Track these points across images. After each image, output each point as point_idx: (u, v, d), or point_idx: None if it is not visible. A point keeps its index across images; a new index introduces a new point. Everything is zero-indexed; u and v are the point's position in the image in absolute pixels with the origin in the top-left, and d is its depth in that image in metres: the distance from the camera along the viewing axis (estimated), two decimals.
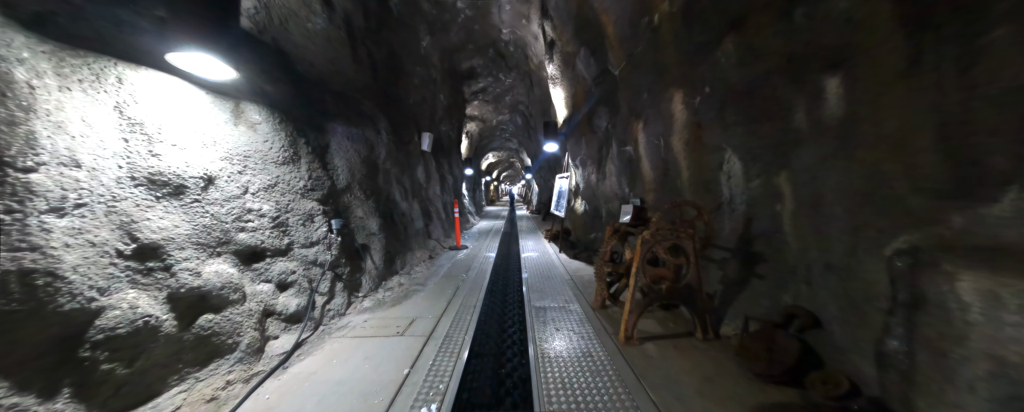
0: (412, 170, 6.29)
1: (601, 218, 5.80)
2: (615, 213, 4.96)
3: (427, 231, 6.69)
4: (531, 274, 4.78)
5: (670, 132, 3.46)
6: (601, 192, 5.32)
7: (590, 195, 5.98)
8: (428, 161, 7.23)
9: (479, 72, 11.18)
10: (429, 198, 7.22)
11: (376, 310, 3.50)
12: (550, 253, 6.33)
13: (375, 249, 4.31)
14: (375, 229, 4.36)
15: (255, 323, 2.53)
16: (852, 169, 2.03)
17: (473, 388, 2.17)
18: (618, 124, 4.46)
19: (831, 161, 2.15)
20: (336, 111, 3.96)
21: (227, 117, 2.67)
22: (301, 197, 3.21)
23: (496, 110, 13.29)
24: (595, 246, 5.85)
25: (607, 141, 4.93)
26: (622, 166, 4.52)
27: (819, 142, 2.23)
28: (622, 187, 4.62)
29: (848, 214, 2.06)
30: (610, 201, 5.02)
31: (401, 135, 5.87)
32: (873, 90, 1.92)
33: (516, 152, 20.20)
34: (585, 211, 6.35)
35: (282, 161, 3.06)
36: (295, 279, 3.00)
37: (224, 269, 2.42)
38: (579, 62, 5.20)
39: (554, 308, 3.44)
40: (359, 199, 4.15)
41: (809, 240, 2.35)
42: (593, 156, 5.58)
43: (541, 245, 7.19)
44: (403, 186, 5.71)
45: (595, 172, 5.55)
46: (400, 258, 5.01)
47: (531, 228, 10.36)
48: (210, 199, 2.43)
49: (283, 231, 2.98)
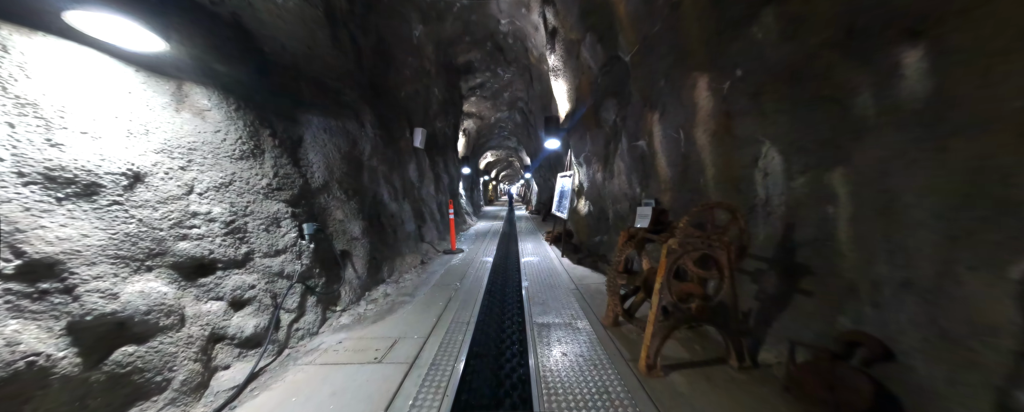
0: (403, 168, 5.83)
1: (607, 220, 5.35)
2: (624, 215, 4.52)
3: (419, 234, 6.24)
4: (532, 282, 4.33)
5: (692, 123, 3.01)
6: (608, 192, 4.87)
7: (595, 195, 5.53)
8: (421, 159, 6.78)
9: (477, 67, 10.73)
10: (422, 198, 6.76)
11: (355, 328, 3.04)
12: (552, 257, 5.88)
13: (357, 256, 3.85)
14: (358, 233, 3.90)
15: (196, 352, 2.07)
16: (946, 162, 1.59)
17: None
18: (628, 117, 4.01)
19: (913, 153, 1.70)
20: (312, 100, 3.50)
21: (165, 101, 2.20)
22: (264, 198, 2.75)
23: (494, 107, 12.83)
24: (601, 250, 5.41)
25: (615, 136, 4.48)
26: (633, 163, 4.07)
27: (894, 130, 1.78)
28: (633, 186, 4.18)
29: (939, 220, 1.62)
30: (618, 202, 4.58)
31: (391, 130, 5.41)
32: (976, 61, 1.48)
33: (515, 151, 19.75)
34: (589, 212, 5.90)
35: (239, 155, 2.60)
36: (254, 295, 2.54)
37: (155, 288, 1.95)
38: (584, 50, 4.76)
39: (559, 325, 2.99)
40: (339, 200, 3.69)
41: (877, 251, 1.91)
42: (599, 153, 5.14)
43: (542, 248, 6.74)
44: (392, 185, 5.25)
45: (601, 170, 5.10)
46: (387, 265, 4.55)
47: (531, 229, 9.91)
48: (137, 201, 1.97)
49: (239, 238, 2.52)
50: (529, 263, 5.44)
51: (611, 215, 4.97)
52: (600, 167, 5.16)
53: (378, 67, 5.15)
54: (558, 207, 6.56)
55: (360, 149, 4.18)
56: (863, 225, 1.99)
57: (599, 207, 5.52)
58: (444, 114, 8.90)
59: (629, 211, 4.37)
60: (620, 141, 4.36)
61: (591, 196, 5.67)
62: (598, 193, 5.39)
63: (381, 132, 4.87)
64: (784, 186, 2.44)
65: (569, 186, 6.06)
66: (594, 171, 5.37)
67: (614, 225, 4.92)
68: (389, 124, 5.35)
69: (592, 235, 5.90)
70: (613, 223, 4.92)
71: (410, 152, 6.19)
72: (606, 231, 5.46)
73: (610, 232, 5.23)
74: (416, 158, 6.47)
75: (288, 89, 3.29)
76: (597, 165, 5.25)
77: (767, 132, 2.47)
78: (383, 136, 4.95)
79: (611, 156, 4.74)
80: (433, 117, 7.81)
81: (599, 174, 5.19)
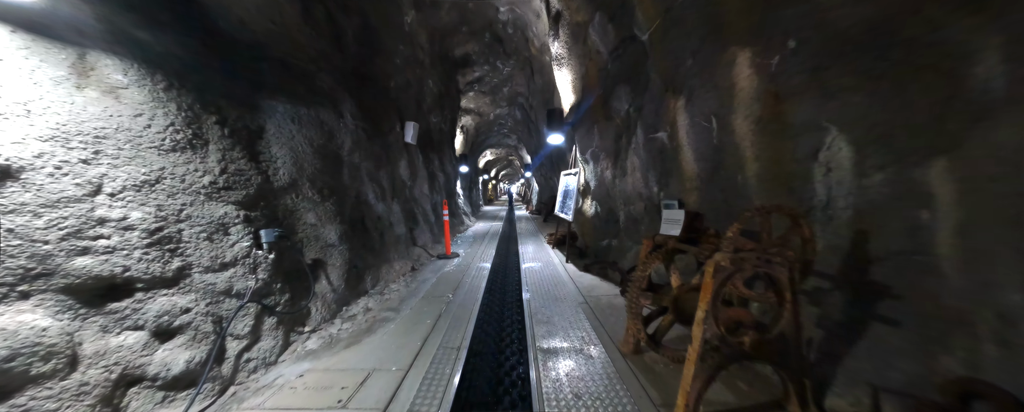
0: (392, 165, 5.32)
1: (616, 222, 4.84)
2: (638, 217, 4.01)
3: (411, 237, 5.73)
4: (534, 294, 3.82)
5: (728, 109, 2.50)
6: (619, 191, 4.37)
7: (603, 195, 5.02)
8: (413, 155, 6.27)
9: (475, 59, 10.21)
10: (415, 198, 6.25)
11: (323, 354, 2.54)
12: (555, 263, 5.37)
13: (333, 265, 3.34)
14: (334, 239, 3.39)
15: (93, 404, 1.57)
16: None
17: None
18: (645, 105, 3.50)
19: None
20: (276, 84, 2.98)
21: (60, 74, 1.69)
22: (207, 199, 2.24)
23: (494, 102, 12.31)
24: (610, 256, 4.90)
25: (628, 128, 3.98)
26: (650, 158, 3.56)
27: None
28: (649, 185, 3.67)
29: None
30: (631, 202, 4.07)
31: (378, 123, 4.90)
32: None
33: (515, 149, 19.24)
34: (596, 214, 5.39)
35: (171, 146, 2.09)
36: (189, 321, 2.03)
37: (28, 321, 1.45)
38: (592, 32, 4.25)
39: (568, 352, 2.49)
40: (311, 201, 3.18)
41: (1007, 272, 1.40)
42: (608, 148, 4.63)
43: (544, 251, 6.24)
44: (379, 184, 4.74)
45: (610, 167, 4.59)
46: (372, 274, 4.05)
47: (532, 230, 9.41)
48: (5, 205, 1.46)
49: (170, 250, 2.01)
50: (531, 270, 4.93)
51: (622, 217, 4.47)
52: (609, 164, 4.65)
53: (363, 53, 4.64)
54: (562, 208, 6.05)
55: (338, 143, 3.67)
56: (981, 237, 1.48)
57: (607, 208, 5.01)
58: (439, 108, 8.39)
59: (644, 213, 3.86)
60: (634, 134, 3.85)
61: (598, 196, 5.16)
62: (606, 193, 4.88)
63: (365, 125, 4.36)
64: (853, 184, 1.94)
65: (574, 185, 5.55)
66: (602, 168, 4.86)
67: (625, 228, 4.42)
68: (375, 116, 4.84)
69: (599, 238, 5.39)
70: (624, 226, 4.42)
71: (401, 148, 5.68)
72: (615, 234, 4.96)
73: (620, 236, 4.73)
74: (408, 155, 5.96)
75: (247, 70, 2.78)
76: (606, 162, 4.74)
77: (833, 117, 1.96)
78: (368, 129, 4.44)
79: (622, 151, 4.23)
80: (427, 111, 7.30)
81: (608, 172, 4.68)
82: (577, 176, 5.43)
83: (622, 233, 4.50)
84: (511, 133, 16.03)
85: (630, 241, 4.29)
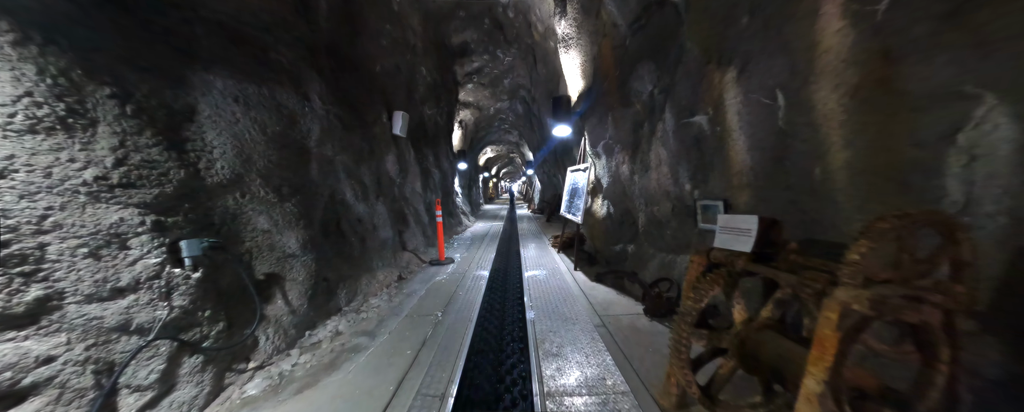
0: (377, 160, 4.70)
1: (634, 225, 4.21)
2: (663, 220, 3.38)
3: (400, 241, 5.11)
4: (540, 312, 3.20)
5: (805, 78, 1.87)
6: (641, 189, 3.73)
7: (618, 194, 4.39)
8: (403, 149, 5.64)
9: (473, 48, 9.55)
10: (405, 197, 5.63)
11: (264, 405, 1.92)
12: (562, 270, 4.75)
13: (294, 280, 2.73)
14: (296, 248, 2.77)
15: None
16: None
17: None
18: (677, 83, 2.86)
19: None
20: (214, 54, 2.36)
21: None
22: (91, 201, 1.62)
23: (493, 95, 11.66)
24: (626, 264, 4.27)
25: (652, 114, 3.34)
26: (682, 149, 2.93)
27: None
28: (679, 182, 3.03)
29: None
30: (655, 202, 3.44)
31: (360, 112, 4.28)
32: None
33: (516, 146, 18.59)
34: (609, 215, 4.76)
35: (27, 127, 1.47)
36: (53, 375, 1.42)
37: None
38: (608, 2, 3.60)
39: (590, 405, 1.87)
40: (263, 202, 2.56)
41: None
42: (624, 139, 3.99)
43: (548, 256, 5.62)
44: (360, 181, 4.12)
45: (628, 161, 3.96)
46: (347, 287, 3.43)
47: (534, 231, 8.79)
48: None
49: (23, 275, 1.40)
50: (534, 279, 4.31)
51: (642, 219, 3.83)
52: (626, 157, 4.02)
53: (343, 31, 4.01)
54: (569, 208, 5.42)
55: (303, 131, 3.05)
56: None
57: (623, 208, 4.38)
58: (435, 100, 7.75)
59: (671, 216, 3.23)
60: (659, 121, 3.21)
61: (612, 195, 4.53)
62: (622, 191, 4.25)
63: (341, 112, 3.74)
64: (1013, 180, 1.31)
65: (583, 182, 4.92)
66: (617, 163, 4.23)
67: (646, 232, 3.78)
68: (356, 104, 4.21)
69: (611, 242, 4.76)
70: (645, 230, 3.78)
71: (388, 141, 5.06)
72: (631, 239, 4.33)
73: (638, 241, 4.10)
74: (396, 149, 5.34)
75: (175, 34, 2.15)
76: (622, 155, 4.10)
77: (989, 80, 1.33)
78: (345, 117, 3.81)
79: (643, 142, 3.60)
80: (420, 102, 6.67)
81: (624, 166, 4.05)
82: (587, 172, 4.80)
83: (641, 238, 3.87)
84: (512, 128, 15.38)
85: (652, 247, 3.67)
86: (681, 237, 3.18)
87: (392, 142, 5.17)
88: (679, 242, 3.22)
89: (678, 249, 3.26)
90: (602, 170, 4.72)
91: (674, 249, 3.30)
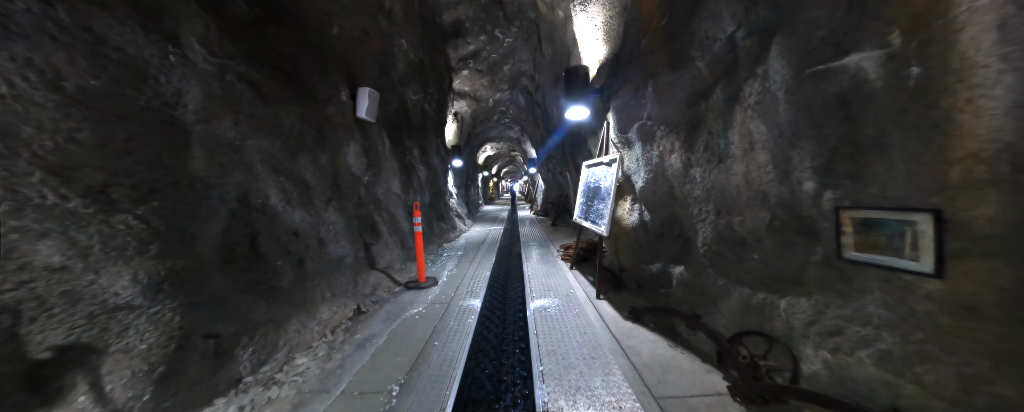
0: (331, 151, 3.50)
1: (680, 238, 2.99)
2: (749, 238, 2.15)
3: (366, 257, 3.91)
4: (556, 382, 1.99)
5: None
6: (707, 188, 2.51)
7: (660, 194, 3.17)
8: (374, 139, 4.43)
9: (468, 28, 8.31)
10: (376, 200, 4.43)
11: None
12: (579, 299, 3.55)
13: (125, 352, 1.53)
14: (130, 295, 1.57)
15: None
16: None
17: None
18: (804, 3, 1.65)
19: None
20: None
21: None
22: None
23: (492, 84, 10.43)
24: (671, 294, 3.04)
25: (733, 71, 2.13)
26: (805, 119, 1.71)
27: None
28: (791, 177, 1.82)
29: None
30: (737, 209, 2.21)
31: (300, 83, 3.09)
32: None
33: (518, 142, 17.35)
34: (642, 223, 3.55)
35: None
36: None
37: None
38: None
39: None
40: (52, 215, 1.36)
41: None
42: (673, 117, 2.78)
43: (559, 274, 4.41)
44: (296, 179, 2.92)
45: (679, 148, 2.74)
46: (259, 341, 2.23)
47: (538, 238, 7.57)
48: None
49: None
50: (544, 316, 3.10)
51: (705, 234, 2.60)
52: (675, 143, 2.80)
53: None
54: (586, 213, 4.21)
55: (163, 94, 1.84)
56: None
57: (666, 215, 3.16)
58: (421, 83, 6.54)
59: (767, 231, 2.01)
60: (752, 79, 2.00)
61: (649, 196, 3.32)
62: (667, 191, 3.03)
63: (257, 76, 2.53)
64: None
65: (607, 180, 3.71)
66: (660, 152, 3.01)
67: (713, 254, 2.55)
68: (296, 72, 3.01)
69: (645, 260, 3.55)
70: (711, 249, 2.55)
71: (350, 126, 3.85)
72: (677, 258, 3.10)
73: (691, 263, 2.88)
74: (363, 137, 4.13)
75: None
76: (668, 141, 2.89)
77: None
78: (263, 85, 2.61)
79: (712, 119, 2.38)
80: (400, 82, 5.46)
81: (674, 157, 2.83)
82: (613, 166, 3.59)
83: (702, 259, 2.65)
84: (513, 123, 14.15)
85: (722, 277, 2.44)
86: (783, 267, 1.96)
87: (356, 128, 3.97)
88: (778, 275, 2.00)
89: (776, 286, 2.04)
90: (634, 163, 3.51)
91: (768, 285, 2.09)
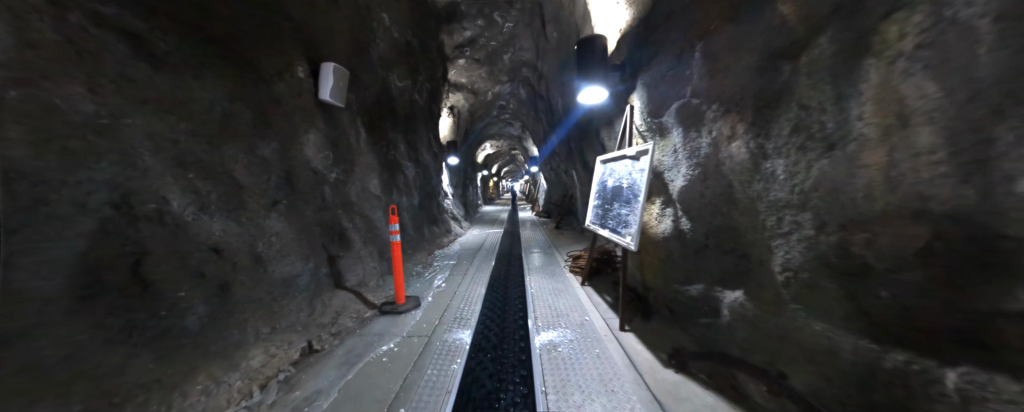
0: (281, 140, 2.74)
1: (733, 253, 2.24)
2: (875, 264, 1.39)
3: (332, 274, 3.15)
4: None
5: None
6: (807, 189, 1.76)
7: (710, 198, 2.41)
8: (343, 128, 3.67)
9: (464, 11, 7.54)
10: (347, 201, 3.66)
11: None
12: (598, 332, 2.79)
13: None
14: None
15: None
16: None
17: None
18: None
19: None
20: None
21: None
22: None
23: (491, 75, 9.66)
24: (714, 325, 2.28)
25: (849, 11, 1.38)
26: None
27: None
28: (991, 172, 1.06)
29: None
30: (863, 222, 1.45)
31: (231, 49, 2.33)
32: None
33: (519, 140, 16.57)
34: (679, 234, 2.79)
35: None
36: None
37: None
38: None
39: None
40: None
41: None
42: (731, 92, 2.03)
43: (568, 292, 3.65)
44: (221, 177, 2.16)
45: (744, 133, 1.99)
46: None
47: (542, 244, 6.80)
48: None
49: None
50: (553, 354, 2.34)
51: (793, 255, 1.83)
52: (736, 126, 2.04)
53: None
54: (603, 219, 3.45)
55: None
56: None
57: (714, 224, 2.40)
58: (409, 68, 5.77)
59: (916, 258, 1.24)
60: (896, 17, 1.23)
61: (690, 198, 2.56)
62: (722, 191, 2.27)
63: (152, 27, 1.77)
64: None
65: (634, 177, 2.95)
66: (716, 138, 2.25)
67: (804, 282, 1.78)
68: (227, 32, 2.25)
69: (680, 280, 2.79)
70: (797, 276, 1.79)
71: (310, 110, 3.09)
72: (730, 280, 2.33)
73: (750, 284, 2.11)
74: (328, 125, 3.37)
75: None
76: (727, 123, 2.13)
77: None
78: (161, 41, 1.85)
79: (805, 86, 1.62)
80: (381, 63, 4.69)
81: (735, 145, 2.07)
82: (641, 161, 2.83)
83: (779, 290, 1.89)
84: (514, 119, 13.38)
85: (820, 320, 1.68)
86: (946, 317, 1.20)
87: (318, 113, 3.20)
88: (934, 327, 1.24)
89: (928, 345, 1.27)
90: (669, 156, 2.75)
91: (914, 342, 1.32)
